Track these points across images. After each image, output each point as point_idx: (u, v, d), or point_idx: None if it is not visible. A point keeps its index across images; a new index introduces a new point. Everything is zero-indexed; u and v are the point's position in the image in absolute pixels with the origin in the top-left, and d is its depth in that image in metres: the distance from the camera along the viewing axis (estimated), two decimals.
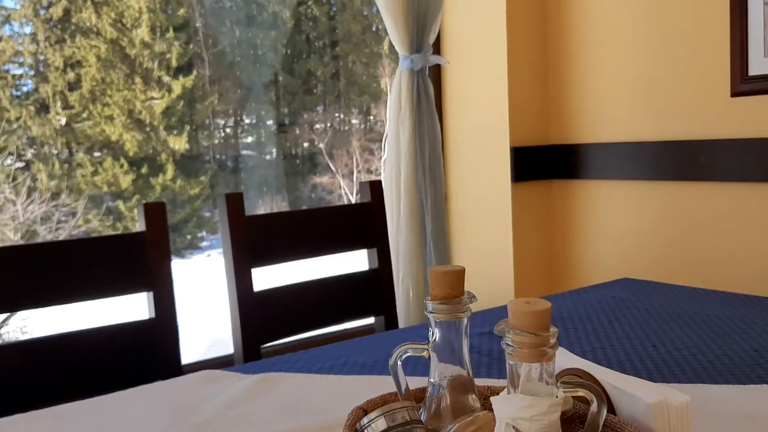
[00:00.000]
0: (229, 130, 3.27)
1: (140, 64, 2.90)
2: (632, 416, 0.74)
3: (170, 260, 1.39)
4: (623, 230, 2.41)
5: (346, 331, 2.35)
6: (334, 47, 3.47)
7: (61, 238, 2.75)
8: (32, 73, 2.75)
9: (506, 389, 0.63)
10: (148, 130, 2.92)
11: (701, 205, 2.19)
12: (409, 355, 0.73)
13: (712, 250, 2.17)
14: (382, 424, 0.67)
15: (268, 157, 3.40)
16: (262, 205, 3.28)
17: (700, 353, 1.12)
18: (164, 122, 2.95)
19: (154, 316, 1.37)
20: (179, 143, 3.02)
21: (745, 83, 2.04)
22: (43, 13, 2.69)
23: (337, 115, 3.52)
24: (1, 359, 1.24)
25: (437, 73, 2.69)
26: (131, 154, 2.88)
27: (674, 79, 2.23)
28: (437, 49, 2.65)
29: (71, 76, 2.74)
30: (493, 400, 0.63)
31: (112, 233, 2.86)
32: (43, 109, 2.70)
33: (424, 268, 2.32)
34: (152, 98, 2.92)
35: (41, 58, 2.72)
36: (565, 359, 0.84)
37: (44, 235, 2.74)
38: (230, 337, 1.56)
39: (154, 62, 2.92)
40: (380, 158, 3.55)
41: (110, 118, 2.84)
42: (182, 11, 3.06)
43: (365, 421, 0.68)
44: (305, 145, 3.43)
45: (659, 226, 2.30)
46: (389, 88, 3.46)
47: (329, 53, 3.47)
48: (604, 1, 2.40)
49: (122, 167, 2.90)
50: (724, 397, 0.94)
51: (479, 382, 0.75)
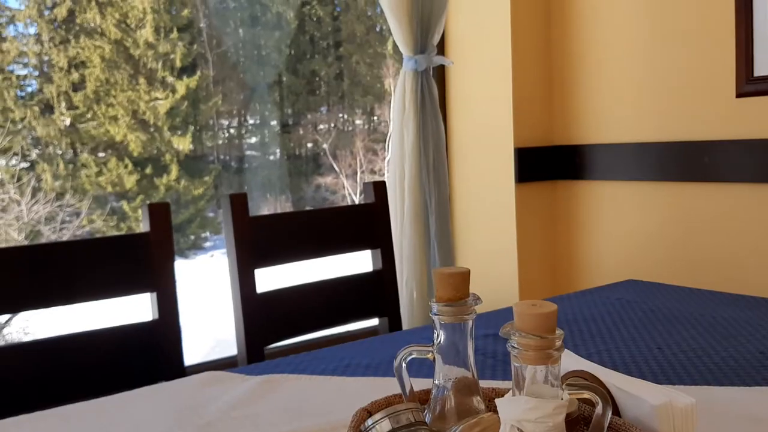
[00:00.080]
0: (233, 130, 3.28)
1: (144, 64, 2.90)
2: (637, 418, 0.74)
3: (174, 261, 1.39)
4: (627, 231, 2.40)
5: (349, 332, 2.35)
6: (337, 48, 3.47)
7: (65, 238, 2.75)
8: (37, 73, 2.75)
9: (511, 391, 0.63)
10: (152, 130, 2.93)
11: (706, 206, 2.18)
12: (413, 357, 0.73)
13: (716, 251, 2.16)
14: (386, 425, 0.67)
15: (271, 157, 3.40)
16: (265, 205, 3.28)
17: (705, 355, 1.12)
18: (168, 123, 2.96)
19: (157, 317, 1.37)
20: (183, 144, 3.02)
21: (750, 84, 2.03)
22: (47, 13, 2.70)
23: (340, 115, 3.52)
24: (5, 360, 1.25)
25: (441, 73, 2.69)
26: (135, 154, 2.89)
27: (679, 79, 2.22)
28: (441, 49, 2.65)
29: (75, 76, 2.74)
30: (498, 402, 0.63)
31: (116, 233, 2.86)
32: (47, 109, 2.71)
33: (428, 269, 2.31)
34: (156, 99, 2.92)
35: (46, 58, 2.73)
36: (569, 361, 0.84)
37: (48, 235, 2.74)
38: (233, 338, 1.56)
39: (158, 63, 2.92)
40: (384, 159, 3.55)
41: (114, 118, 2.84)
42: (186, 12, 3.06)
43: (369, 422, 0.68)
44: (309, 145, 3.43)
45: (664, 227, 2.29)
46: (393, 88, 3.46)
47: (333, 54, 3.47)
48: (608, 1, 2.39)
49: (126, 167, 2.90)
50: (729, 399, 0.94)
51: (483, 383, 0.75)
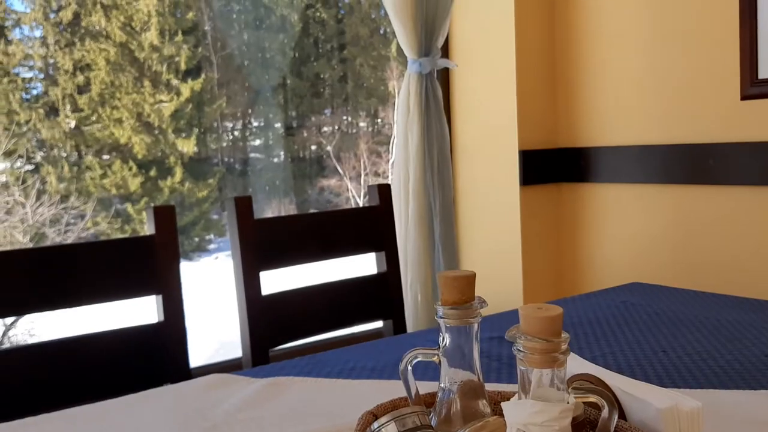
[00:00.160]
0: (237, 133, 3.28)
1: (149, 67, 2.91)
2: (643, 422, 0.74)
3: (179, 264, 1.39)
4: (632, 234, 2.40)
5: (353, 335, 2.35)
6: (341, 50, 3.47)
7: (69, 240, 2.75)
8: (42, 76, 2.76)
9: (517, 395, 0.63)
10: (156, 133, 2.93)
11: (710, 208, 2.18)
12: (419, 360, 0.73)
13: (721, 254, 2.16)
14: (392, 429, 0.67)
15: (275, 159, 3.40)
16: (269, 207, 3.28)
17: (710, 358, 1.11)
18: (173, 125, 2.96)
19: (162, 319, 1.37)
20: (187, 146, 3.03)
21: (754, 86, 2.03)
22: (53, 16, 2.71)
23: (344, 117, 3.52)
24: (11, 362, 1.25)
25: (445, 76, 2.69)
26: (140, 156, 2.89)
27: (683, 82, 2.22)
28: (445, 52, 2.65)
29: (80, 79, 2.75)
30: (504, 405, 0.63)
31: (120, 236, 2.87)
32: (52, 112, 2.71)
33: (432, 271, 2.31)
34: (161, 101, 2.93)
35: (51, 61, 2.73)
36: (575, 364, 0.84)
37: (53, 237, 2.75)
38: (238, 340, 1.57)
39: (162, 65, 2.93)
40: (388, 161, 3.55)
41: (119, 121, 2.84)
42: (191, 15, 3.07)
43: (375, 425, 0.68)
44: (313, 147, 3.44)
45: (668, 229, 2.29)
46: (397, 90, 3.46)
47: (337, 56, 3.47)
48: (612, 4, 2.39)
49: (131, 170, 2.90)
50: (735, 402, 0.94)
51: (488, 386, 0.75)
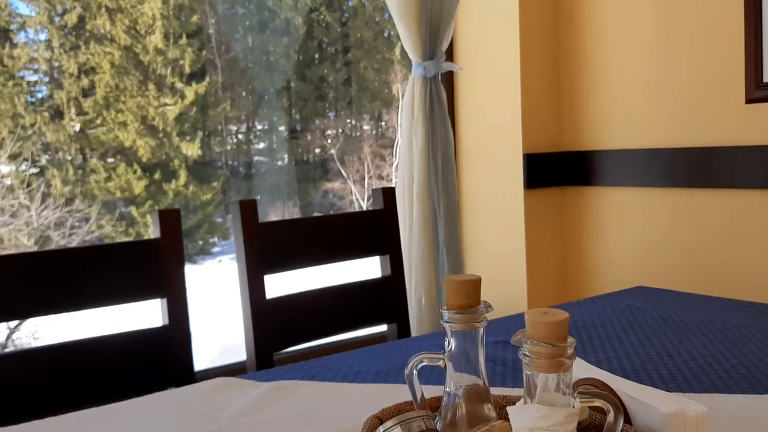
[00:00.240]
0: (241, 136, 3.28)
1: (154, 70, 2.92)
2: (648, 426, 0.73)
3: (184, 267, 1.39)
4: (637, 237, 2.40)
5: (358, 338, 2.35)
6: (346, 53, 3.47)
7: (74, 243, 2.76)
8: (47, 79, 2.77)
9: (523, 399, 0.63)
10: (161, 136, 2.93)
11: (715, 212, 2.17)
12: (424, 364, 0.73)
13: (726, 257, 2.15)
14: None
15: (279, 163, 3.40)
16: (273, 211, 3.28)
17: (716, 362, 1.11)
18: (177, 128, 2.97)
19: (167, 323, 1.37)
20: (192, 149, 3.03)
21: (759, 90, 2.03)
22: (58, 20, 2.71)
23: (348, 121, 3.52)
24: (15, 366, 1.25)
25: (450, 79, 2.69)
26: (144, 160, 2.90)
27: (688, 85, 2.22)
28: (450, 55, 2.65)
29: (85, 82, 2.76)
30: (509, 410, 0.63)
31: (125, 239, 2.87)
32: (57, 115, 2.72)
33: (436, 275, 2.31)
34: (165, 104, 2.93)
35: (56, 64, 2.74)
36: (580, 369, 0.84)
37: (58, 240, 2.75)
38: (241, 343, 1.57)
39: (167, 69, 2.94)
40: (392, 164, 3.55)
41: (124, 124, 2.85)
42: (195, 18, 3.07)
43: (381, 430, 0.68)
44: (317, 151, 3.44)
45: (673, 233, 2.29)
46: (401, 94, 3.46)
47: (341, 59, 3.47)
48: (617, 7, 2.39)
49: (135, 173, 2.91)
50: (740, 406, 0.94)
51: (493, 391, 0.75)
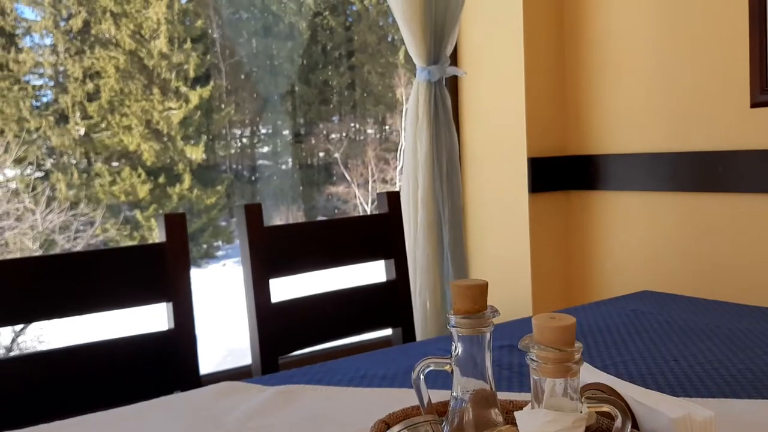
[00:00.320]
0: (245, 140, 3.29)
1: (158, 74, 2.92)
2: (656, 431, 0.73)
3: (190, 271, 1.39)
4: (642, 242, 2.39)
5: (362, 342, 2.35)
6: (350, 58, 3.48)
7: (79, 247, 2.76)
8: (52, 83, 2.77)
9: (530, 404, 0.63)
10: (165, 140, 2.94)
11: (720, 216, 2.17)
12: (431, 369, 0.73)
13: (731, 262, 2.15)
14: None
15: (284, 167, 3.41)
16: (277, 214, 3.28)
17: (722, 367, 1.11)
18: (181, 132, 2.97)
19: (173, 326, 1.37)
20: (196, 153, 3.04)
21: (764, 94, 2.02)
22: (63, 24, 2.72)
23: (352, 125, 3.53)
24: (21, 370, 1.25)
25: (454, 83, 2.69)
26: (149, 163, 2.90)
27: (693, 89, 2.22)
28: (454, 60, 2.65)
29: (90, 86, 2.76)
30: (517, 414, 0.63)
31: (129, 242, 2.88)
32: (62, 119, 2.73)
33: (441, 279, 2.31)
34: (170, 108, 2.94)
35: (61, 69, 2.75)
36: (587, 373, 0.83)
37: (62, 244, 2.76)
38: (245, 347, 1.57)
39: (171, 73, 2.94)
40: (395, 168, 3.55)
41: (128, 128, 2.86)
42: (200, 22, 3.08)
43: None
44: (321, 154, 3.44)
45: (678, 237, 2.29)
46: (404, 97, 3.47)
47: (345, 63, 3.48)
48: (621, 11, 2.39)
49: (140, 177, 2.92)
50: (747, 411, 0.93)
51: (500, 395, 0.75)
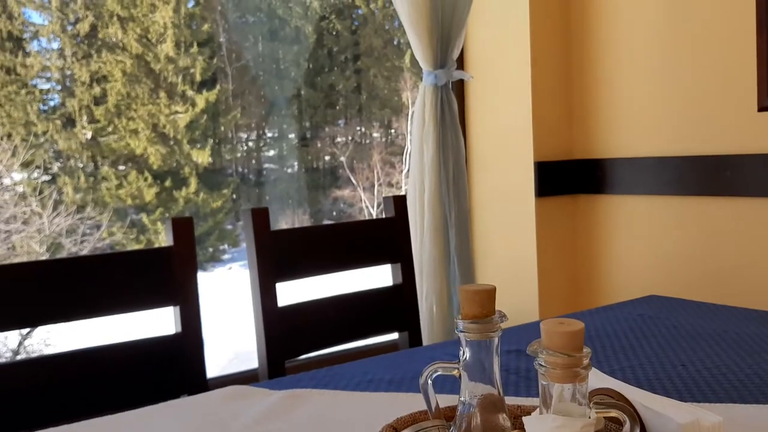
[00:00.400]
0: (251, 143, 3.30)
1: (165, 78, 2.93)
2: None
3: (197, 275, 1.39)
4: (649, 246, 2.39)
5: (368, 346, 2.34)
6: (355, 61, 3.49)
7: (85, 250, 2.77)
8: (59, 87, 2.79)
9: (538, 409, 0.63)
10: (171, 143, 2.95)
11: (727, 220, 2.17)
12: (439, 374, 0.73)
13: (739, 266, 2.14)
14: None
15: (289, 170, 3.42)
16: (283, 218, 3.29)
17: (730, 372, 1.11)
18: (188, 136, 2.98)
19: (180, 330, 1.38)
20: (202, 157, 3.04)
21: None
22: (70, 29, 2.73)
23: (358, 128, 3.53)
24: (27, 374, 1.25)
25: (460, 87, 2.69)
26: (155, 167, 2.91)
27: (700, 93, 2.21)
28: (461, 63, 2.65)
29: (97, 90, 2.78)
30: (525, 420, 0.63)
31: (135, 245, 2.88)
32: (69, 123, 2.74)
33: (448, 283, 2.31)
34: (176, 112, 2.95)
35: (68, 73, 2.76)
36: (595, 379, 0.83)
37: (69, 247, 2.77)
38: (251, 350, 1.57)
39: (178, 77, 2.95)
40: (401, 171, 3.56)
41: (135, 132, 2.87)
42: (206, 27, 3.09)
43: None
44: (327, 158, 3.45)
45: (685, 241, 2.28)
46: (410, 101, 3.47)
47: (351, 67, 3.48)
48: (628, 15, 2.39)
49: (146, 180, 2.93)
50: (756, 417, 0.93)
51: (507, 400, 0.74)
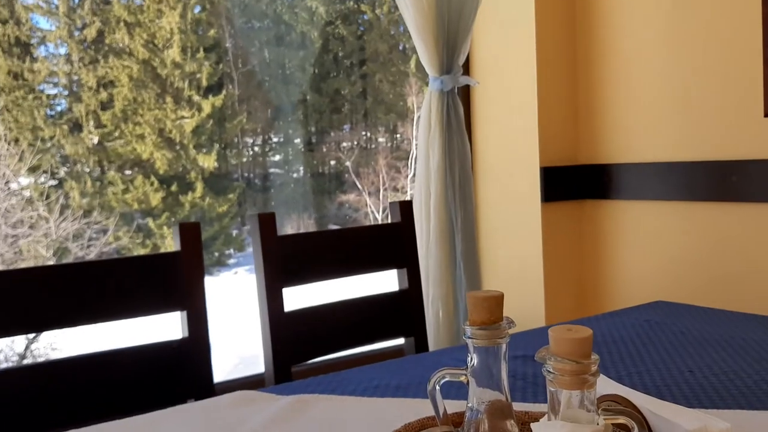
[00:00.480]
0: (257, 148, 3.31)
1: (171, 83, 2.94)
2: None
3: (204, 280, 1.40)
4: (655, 251, 2.38)
5: (375, 351, 2.34)
6: (361, 66, 3.49)
7: (92, 255, 2.78)
8: (66, 92, 2.80)
9: (546, 416, 0.63)
10: (178, 148, 2.96)
11: (734, 226, 2.16)
12: (447, 380, 0.73)
13: (746, 272, 2.14)
14: None
15: (295, 175, 3.43)
16: (289, 222, 3.29)
17: (737, 378, 1.10)
18: (194, 141, 2.99)
19: (187, 335, 1.38)
20: (208, 161, 3.05)
21: None
22: (77, 34, 2.75)
23: (363, 133, 3.54)
24: (34, 378, 1.26)
25: (466, 92, 2.69)
26: (161, 172, 2.92)
27: (706, 98, 2.21)
28: (467, 69, 2.65)
29: (104, 95, 2.79)
30: (533, 426, 0.63)
31: (142, 250, 2.89)
32: (76, 128, 2.75)
33: (454, 288, 2.31)
34: (182, 117, 2.96)
35: (75, 78, 2.77)
36: (602, 385, 0.83)
37: (76, 252, 2.77)
38: (256, 355, 1.57)
39: (184, 82, 2.96)
40: (406, 176, 3.56)
41: (141, 136, 2.88)
42: (213, 32, 3.10)
43: None
44: (332, 163, 3.46)
45: (692, 247, 2.28)
46: (415, 106, 3.48)
47: (357, 72, 3.49)
48: (634, 20, 2.39)
49: (152, 185, 2.93)
50: (764, 423, 0.93)
51: (515, 406, 0.74)
